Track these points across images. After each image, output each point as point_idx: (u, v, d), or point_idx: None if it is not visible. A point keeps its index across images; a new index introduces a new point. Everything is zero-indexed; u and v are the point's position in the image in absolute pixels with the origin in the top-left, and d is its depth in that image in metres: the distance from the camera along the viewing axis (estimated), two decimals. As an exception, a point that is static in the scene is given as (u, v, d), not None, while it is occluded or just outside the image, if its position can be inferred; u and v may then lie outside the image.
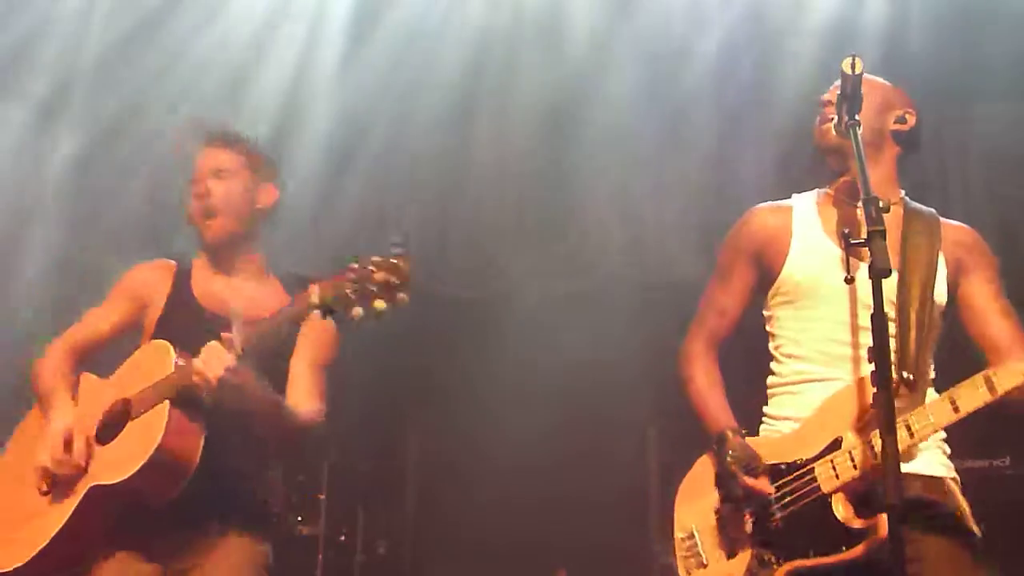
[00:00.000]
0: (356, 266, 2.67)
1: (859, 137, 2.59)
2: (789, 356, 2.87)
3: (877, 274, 2.38)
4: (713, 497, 2.81)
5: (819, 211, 2.92)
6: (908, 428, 2.57)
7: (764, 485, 2.69)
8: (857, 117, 2.62)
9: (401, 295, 2.67)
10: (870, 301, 2.38)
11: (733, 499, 2.74)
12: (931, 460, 2.73)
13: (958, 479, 2.77)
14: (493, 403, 5.74)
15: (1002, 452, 4.55)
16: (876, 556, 2.50)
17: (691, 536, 2.83)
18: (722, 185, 5.79)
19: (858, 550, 2.54)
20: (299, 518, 5.44)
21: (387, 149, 6.00)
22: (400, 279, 2.67)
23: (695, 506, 2.85)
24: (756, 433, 2.89)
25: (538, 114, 5.90)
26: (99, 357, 3.27)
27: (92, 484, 2.93)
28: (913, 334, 2.70)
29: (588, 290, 5.96)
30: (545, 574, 5.67)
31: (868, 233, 2.41)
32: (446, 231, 6.19)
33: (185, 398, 2.84)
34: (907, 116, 2.88)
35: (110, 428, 3.02)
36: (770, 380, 2.93)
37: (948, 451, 2.78)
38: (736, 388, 2.97)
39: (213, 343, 2.80)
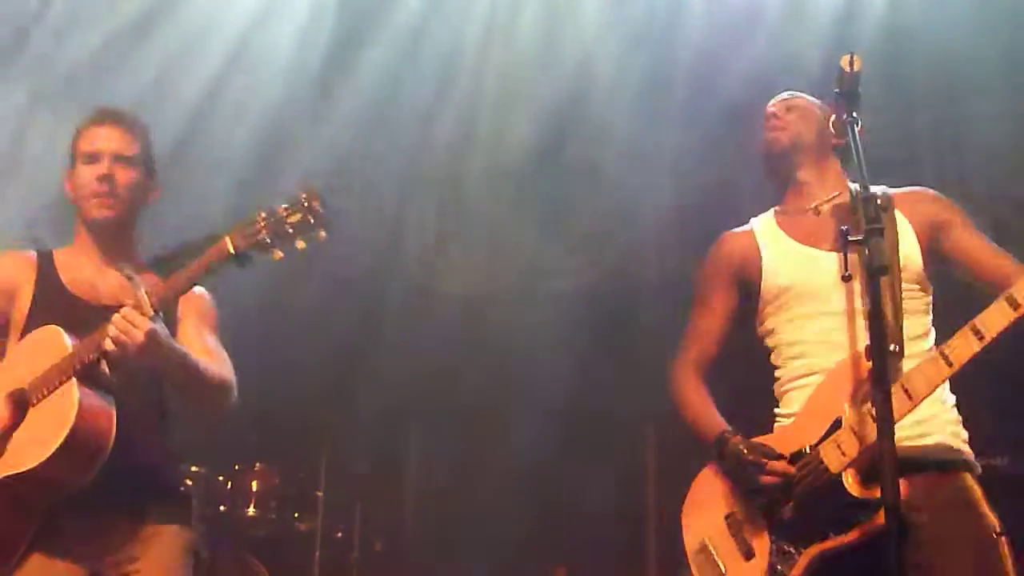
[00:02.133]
0: (264, 214, 2.67)
1: (857, 134, 2.61)
2: (791, 357, 2.92)
3: (875, 272, 2.40)
4: (720, 507, 2.84)
5: (778, 223, 3.04)
6: (905, 391, 2.60)
7: (786, 466, 2.72)
8: (855, 115, 2.64)
9: (321, 232, 2.67)
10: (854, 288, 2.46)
11: (756, 489, 2.74)
12: (945, 441, 2.75)
13: (973, 460, 2.79)
14: (492, 401, 5.74)
15: (1001, 450, 4.54)
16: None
17: (704, 548, 2.84)
18: (719, 183, 5.79)
19: (875, 521, 2.53)
20: (296, 515, 5.44)
21: (390, 147, 6.01)
22: (315, 217, 2.66)
23: (703, 518, 2.88)
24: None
25: (537, 110, 5.90)
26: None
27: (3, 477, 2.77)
28: (888, 304, 2.70)
29: (586, 288, 5.96)
30: (544, 571, 5.66)
31: (865, 231, 2.45)
32: (445, 229, 6.18)
33: (90, 374, 2.77)
34: (835, 127, 2.96)
35: (10, 417, 2.88)
36: (776, 384, 2.98)
37: (964, 435, 2.80)
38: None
39: (125, 308, 2.73)
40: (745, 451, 2.77)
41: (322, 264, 6.04)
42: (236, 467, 5.39)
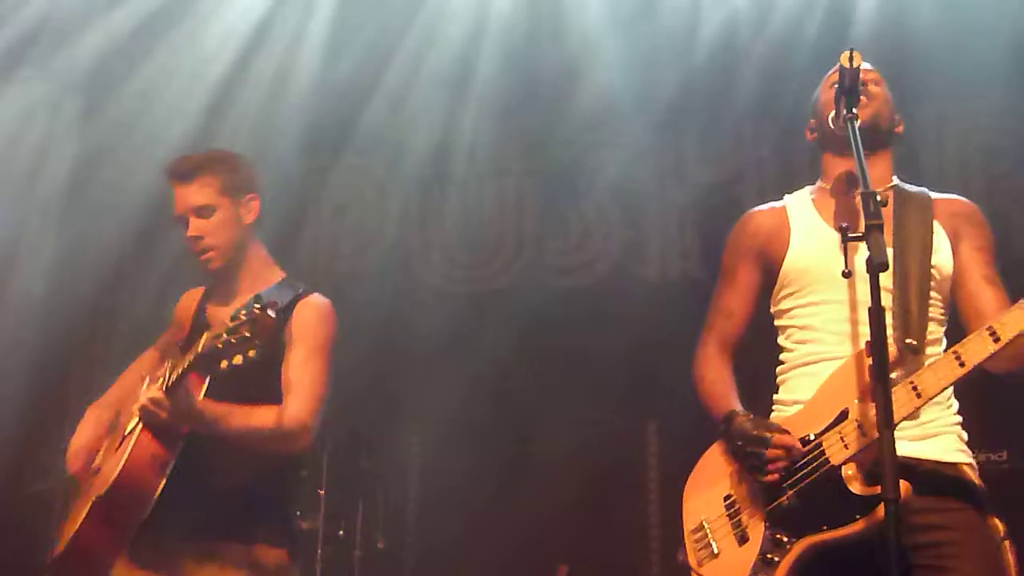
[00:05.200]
0: (231, 322, 2.81)
1: (857, 131, 2.59)
2: (800, 341, 2.87)
3: (874, 268, 2.39)
4: (722, 487, 2.82)
5: (815, 204, 2.96)
6: (915, 389, 2.56)
7: (791, 440, 2.68)
8: (855, 111, 2.63)
9: (251, 352, 2.81)
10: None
11: (757, 466, 2.70)
12: (947, 447, 2.73)
13: (975, 466, 2.77)
14: (494, 398, 5.73)
15: (1000, 447, 4.54)
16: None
17: (700, 527, 2.82)
18: (723, 181, 5.79)
19: (874, 515, 2.50)
20: (298, 512, 5.44)
21: (375, 139, 6.02)
22: (252, 334, 2.78)
23: (703, 497, 2.85)
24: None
25: (532, 105, 5.91)
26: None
27: (95, 496, 3.02)
28: (914, 301, 2.70)
29: (589, 285, 5.96)
30: (546, 570, 5.66)
31: (866, 227, 2.42)
32: (447, 224, 6.19)
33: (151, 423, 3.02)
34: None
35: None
36: (780, 368, 2.93)
37: (965, 437, 2.77)
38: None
39: (147, 390, 3.01)
40: (750, 426, 2.73)
41: (328, 263, 6.06)
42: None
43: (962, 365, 2.52)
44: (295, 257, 5.72)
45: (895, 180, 2.94)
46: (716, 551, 2.77)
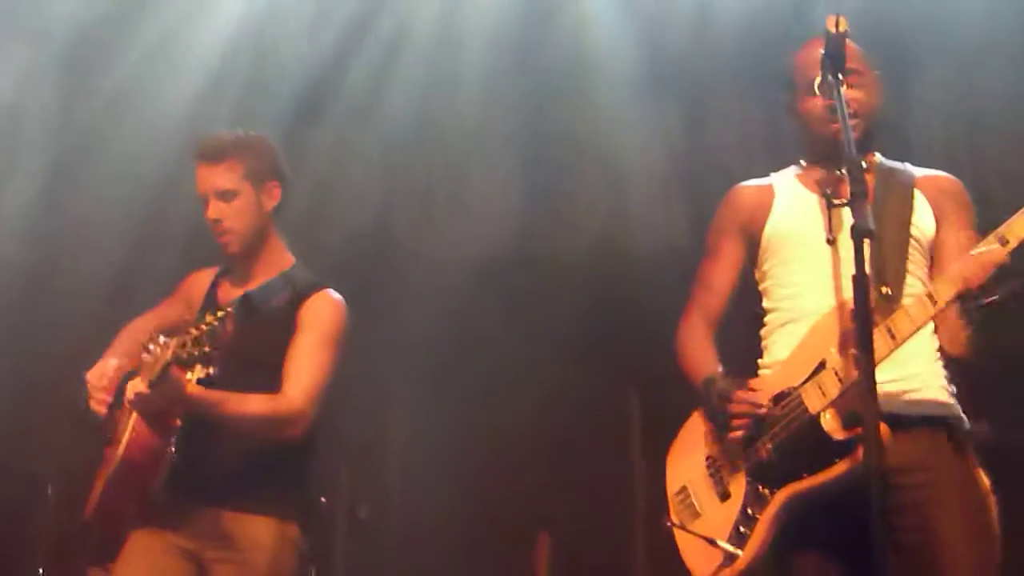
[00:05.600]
0: (194, 329, 2.83)
1: (842, 95, 2.59)
2: (781, 298, 2.93)
3: (860, 234, 2.39)
4: (703, 450, 2.87)
5: (799, 178, 3.03)
6: (889, 332, 2.60)
7: (753, 396, 2.74)
8: (840, 76, 2.62)
9: (211, 369, 2.88)
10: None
11: (724, 424, 2.76)
12: (933, 399, 2.79)
13: (963, 418, 2.83)
14: (478, 364, 5.73)
15: (978, 417, 4.55)
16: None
17: (683, 490, 2.89)
18: (707, 150, 5.78)
19: (851, 460, 2.55)
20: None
21: (364, 108, 5.99)
22: (212, 347, 2.79)
23: (685, 461, 2.93)
24: None
25: (521, 79, 5.89)
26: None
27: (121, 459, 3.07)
28: (891, 252, 2.76)
29: (574, 255, 5.95)
30: (528, 538, 5.68)
31: (851, 193, 2.43)
32: (431, 195, 6.16)
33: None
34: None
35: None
36: (763, 331, 3.00)
37: (953, 391, 2.84)
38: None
39: (133, 382, 3.02)
40: (719, 387, 2.78)
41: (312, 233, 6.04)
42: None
43: (934, 303, 2.58)
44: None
45: (877, 157, 3.00)
46: (700, 511, 2.83)
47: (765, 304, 3.00)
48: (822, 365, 2.68)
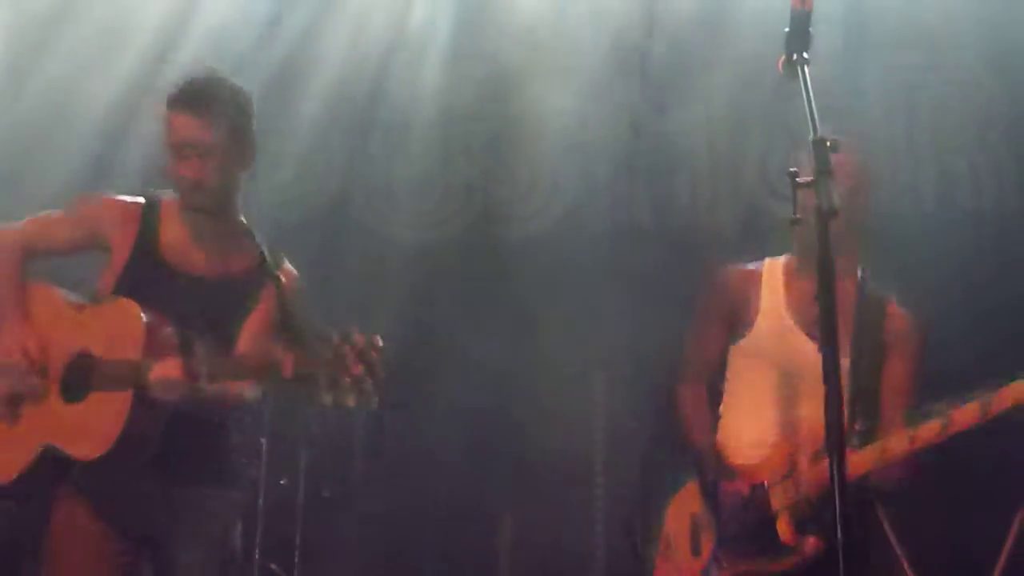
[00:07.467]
0: (335, 346, 2.56)
1: (807, 75, 2.55)
2: (742, 402, 3.31)
3: (823, 215, 2.37)
4: (692, 506, 3.26)
5: (786, 283, 3.25)
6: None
7: (727, 502, 3.14)
8: (805, 55, 2.59)
9: (374, 397, 2.54)
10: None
11: (713, 505, 3.19)
12: None
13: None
14: (440, 346, 5.71)
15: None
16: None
17: (669, 534, 3.31)
18: (674, 131, 5.78)
19: (788, 562, 3.00)
20: (243, 460, 5.38)
21: (339, 92, 5.94)
22: (374, 378, 2.55)
23: (678, 511, 3.31)
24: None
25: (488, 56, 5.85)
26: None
27: (49, 444, 2.92)
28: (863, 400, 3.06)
29: (537, 234, 5.93)
30: (490, 521, 5.67)
31: (815, 174, 2.40)
32: (395, 175, 6.12)
33: (143, 397, 2.88)
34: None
35: (72, 380, 2.98)
36: (723, 407, 3.36)
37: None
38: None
39: (172, 365, 2.82)
40: (711, 478, 3.21)
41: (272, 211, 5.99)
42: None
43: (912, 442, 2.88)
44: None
45: (860, 273, 3.18)
46: (675, 554, 3.27)
47: (726, 384, 3.35)
48: (792, 468, 3.04)
